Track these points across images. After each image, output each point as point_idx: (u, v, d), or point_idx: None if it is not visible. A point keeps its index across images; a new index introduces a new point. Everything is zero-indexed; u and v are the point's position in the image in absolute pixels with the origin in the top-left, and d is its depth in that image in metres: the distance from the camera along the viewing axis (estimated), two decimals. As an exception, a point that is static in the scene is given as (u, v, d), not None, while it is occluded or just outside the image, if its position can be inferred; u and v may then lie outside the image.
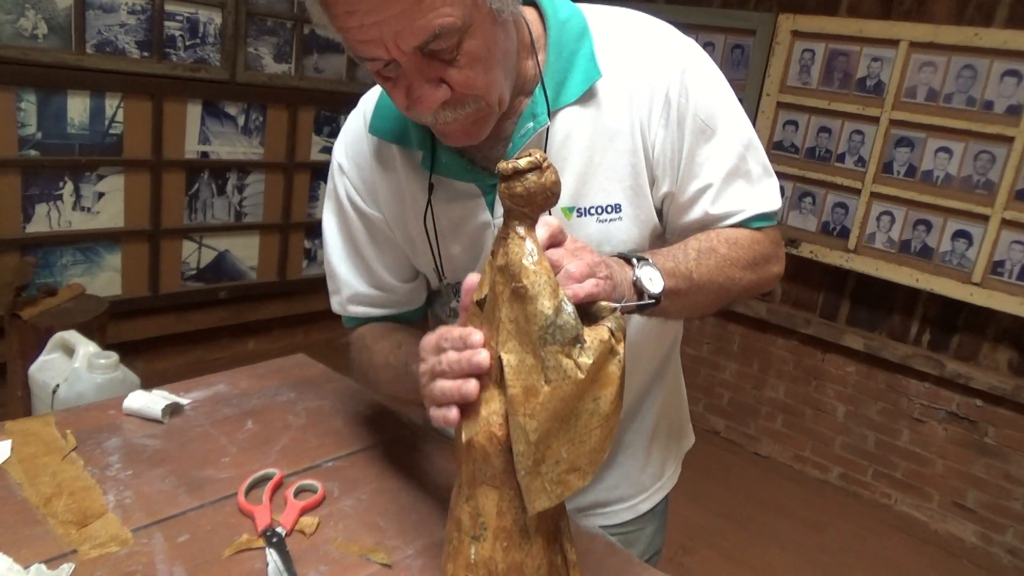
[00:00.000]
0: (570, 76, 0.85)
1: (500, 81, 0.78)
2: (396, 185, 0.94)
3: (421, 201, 0.92)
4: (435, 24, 0.69)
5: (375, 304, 1.02)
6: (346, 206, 0.98)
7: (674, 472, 1.17)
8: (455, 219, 0.92)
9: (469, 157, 0.89)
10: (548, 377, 0.61)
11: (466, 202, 0.90)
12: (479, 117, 0.79)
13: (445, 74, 0.74)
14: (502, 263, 0.63)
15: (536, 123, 0.84)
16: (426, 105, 0.75)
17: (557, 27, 0.86)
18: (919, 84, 2.62)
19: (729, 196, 0.89)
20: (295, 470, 0.97)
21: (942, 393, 2.81)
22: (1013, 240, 2.49)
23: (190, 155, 2.92)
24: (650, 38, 0.88)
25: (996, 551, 2.75)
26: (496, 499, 0.67)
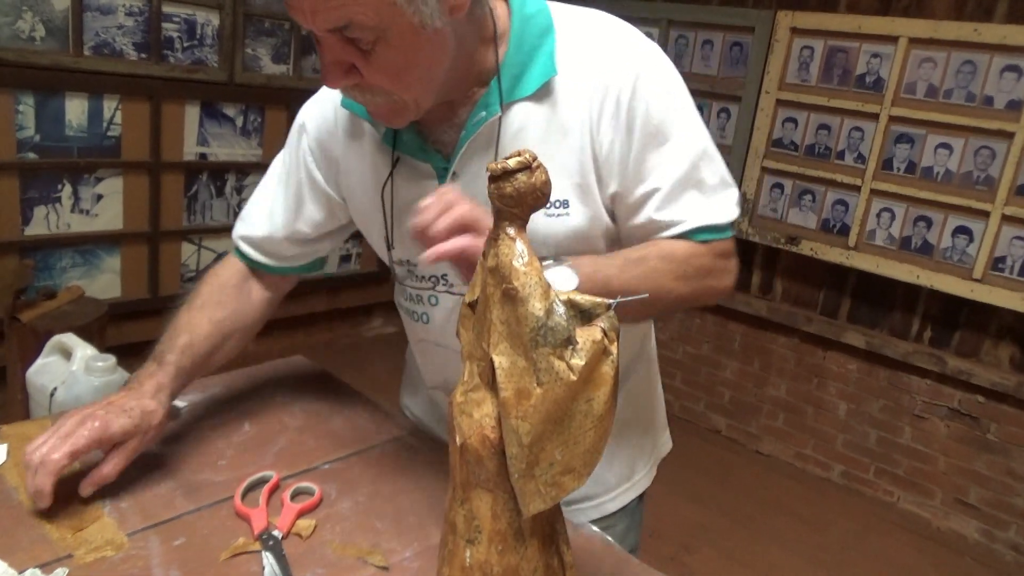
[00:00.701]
0: (528, 71, 0.87)
1: (416, 86, 0.81)
2: (360, 158, 0.98)
3: (383, 174, 0.96)
4: (346, 15, 0.73)
5: (264, 252, 1.08)
6: (298, 159, 1.04)
7: (646, 474, 1.16)
8: (412, 197, 0.93)
9: (425, 137, 0.92)
10: (540, 379, 0.60)
11: (421, 182, 0.93)
12: (394, 108, 0.83)
13: (358, 62, 0.77)
14: (493, 264, 0.63)
15: (488, 113, 0.87)
16: (331, 83, 0.79)
17: (521, 22, 0.87)
18: (919, 80, 2.61)
19: (676, 204, 0.88)
20: (292, 472, 0.96)
21: (944, 390, 2.80)
22: (1014, 236, 2.48)
23: (188, 157, 2.92)
24: (611, 41, 0.89)
25: (999, 548, 2.74)
26: (490, 502, 0.66)
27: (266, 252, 1.09)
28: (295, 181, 1.05)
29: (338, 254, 3.43)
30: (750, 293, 3.24)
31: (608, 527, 1.12)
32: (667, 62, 0.91)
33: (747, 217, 3.07)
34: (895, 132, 2.68)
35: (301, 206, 1.05)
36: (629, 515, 1.15)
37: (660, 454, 1.20)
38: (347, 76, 0.79)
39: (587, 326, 0.64)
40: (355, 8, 0.72)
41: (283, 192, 1.06)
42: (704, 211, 0.89)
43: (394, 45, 0.76)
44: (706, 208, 0.89)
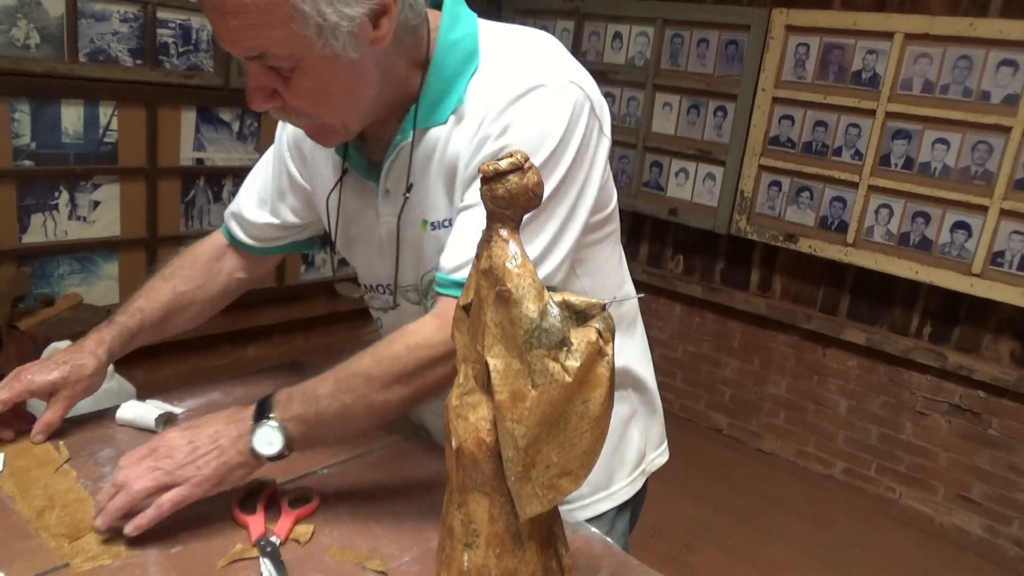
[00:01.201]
0: (445, 98, 0.89)
1: (339, 111, 0.84)
2: (324, 160, 1.02)
3: (334, 177, 1.00)
4: (259, 46, 0.76)
5: (248, 233, 1.13)
6: (280, 152, 1.09)
7: (628, 486, 1.11)
8: (358, 205, 1.00)
9: (366, 154, 0.96)
10: (535, 381, 0.60)
11: (366, 193, 0.98)
12: (321, 129, 0.87)
13: (279, 87, 0.81)
14: (486, 266, 0.63)
15: (402, 137, 0.90)
16: (254, 106, 0.83)
17: (444, 48, 0.89)
18: (915, 76, 2.61)
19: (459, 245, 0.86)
20: (290, 478, 0.96)
21: (945, 385, 2.80)
22: (1013, 230, 2.48)
23: (185, 162, 2.91)
24: (514, 65, 0.87)
25: (1003, 543, 2.73)
26: (487, 505, 0.66)
27: (250, 233, 1.13)
28: (277, 172, 1.10)
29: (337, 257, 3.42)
30: (749, 291, 3.24)
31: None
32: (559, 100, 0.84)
33: (745, 215, 3.07)
34: (892, 128, 2.68)
35: (283, 196, 1.10)
36: (607, 523, 1.10)
37: (651, 465, 1.16)
38: (270, 100, 0.82)
39: (582, 327, 0.64)
40: (267, 40, 0.76)
41: (271, 179, 1.11)
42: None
43: (310, 74, 0.80)
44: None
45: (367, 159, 0.97)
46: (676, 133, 3.25)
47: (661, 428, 1.20)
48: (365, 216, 0.99)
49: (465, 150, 0.88)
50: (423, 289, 0.99)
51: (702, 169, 3.19)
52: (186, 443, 0.84)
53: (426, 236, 0.94)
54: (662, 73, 3.25)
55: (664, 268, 3.49)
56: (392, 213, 0.95)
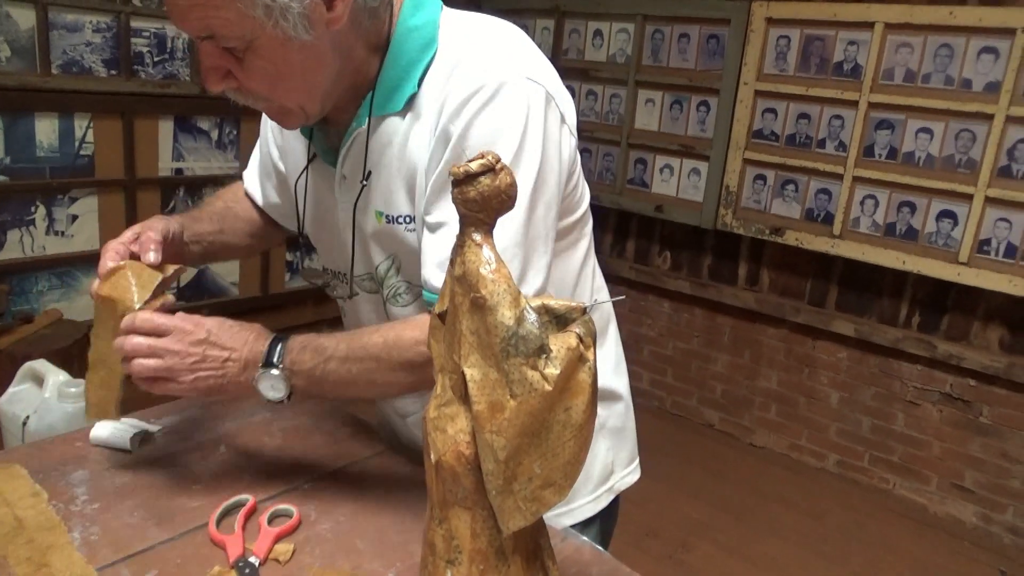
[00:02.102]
0: (401, 86, 0.87)
1: (295, 94, 0.83)
2: (296, 143, 1.02)
3: (303, 165, 1.00)
4: (208, 25, 0.75)
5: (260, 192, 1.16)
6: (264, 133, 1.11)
7: (591, 503, 1.07)
8: (321, 189, 0.99)
9: (326, 139, 0.95)
10: (513, 391, 0.58)
11: (328, 179, 0.97)
12: (280, 112, 0.86)
13: (233, 68, 0.79)
14: (460, 273, 0.60)
15: (358, 124, 0.89)
16: (210, 86, 0.81)
17: (403, 35, 0.87)
18: (896, 66, 2.60)
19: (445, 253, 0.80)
20: (270, 495, 0.93)
21: (935, 375, 2.80)
22: (998, 217, 2.48)
23: (164, 172, 2.87)
24: (476, 59, 0.84)
25: (997, 530, 2.73)
26: (469, 520, 0.64)
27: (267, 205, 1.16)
28: (264, 152, 1.12)
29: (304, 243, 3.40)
30: (737, 286, 3.23)
31: None
32: (521, 96, 0.82)
33: (731, 210, 3.06)
34: (875, 118, 2.67)
35: (269, 176, 1.12)
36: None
37: (618, 487, 1.11)
38: (224, 80, 0.81)
39: (561, 332, 0.61)
40: (215, 20, 0.74)
41: (258, 160, 1.14)
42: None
43: (262, 55, 0.78)
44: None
45: (326, 144, 0.96)
46: (660, 129, 3.23)
47: (633, 445, 1.14)
48: (327, 201, 0.98)
49: (424, 151, 0.86)
50: (379, 279, 0.97)
51: (687, 165, 3.18)
52: (200, 349, 0.84)
53: (380, 227, 0.92)
54: (644, 69, 3.24)
55: (651, 265, 3.47)
56: (348, 200, 0.94)
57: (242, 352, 0.85)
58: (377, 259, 0.95)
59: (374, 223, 0.92)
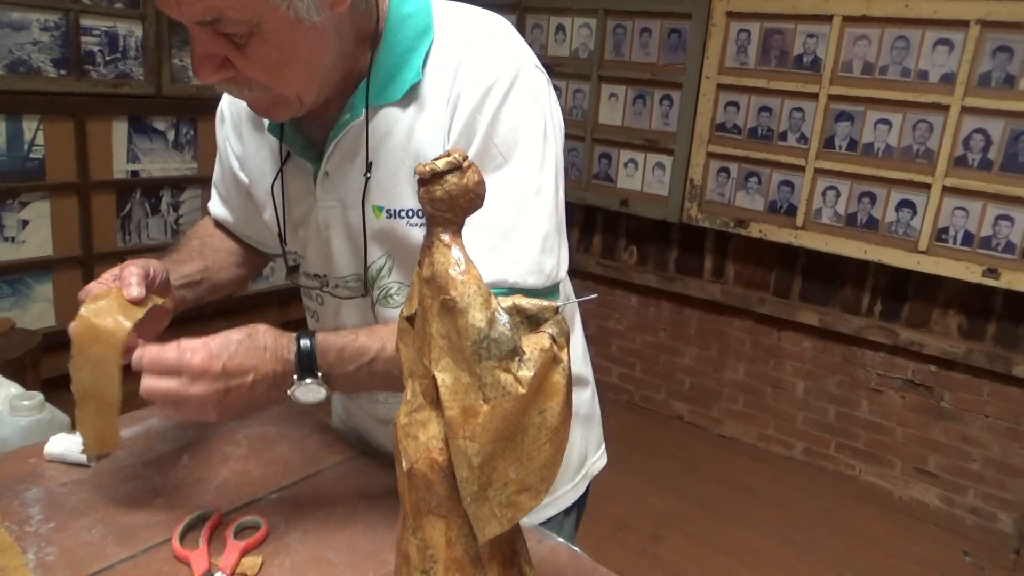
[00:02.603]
0: (399, 75, 0.84)
1: (297, 81, 0.78)
2: (260, 146, 0.97)
3: (276, 166, 0.95)
4: (215, 8, 0.69)
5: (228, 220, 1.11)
6: (221, 148, 1.05)
7: (572, 490, 1.10)
8: (299, 191, 0.94)
9: (305, 133, 0.90)
10: (486, 395, 0.56)
11: (304, 177, 0.93)
12: (274, 101, 0.80)
13: (232, 55, 0.73)
14: (428, 274, 0.58)
15: (352, 115, 0.85)
16: (202, 77, 0.74)
17: (397, 22, 0.84)
18: (854, 58, 2.64)
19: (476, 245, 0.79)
20: (235, 506, 0.90)
21: (897, 362, 2.85)
22: (955, 206, 2.53)
23: (119, 175, 2.80)
24: (480, 48, 0.83)
25: (959, 512, 2.79)
26: (443, 529, 0.62)
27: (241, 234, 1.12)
28: (227, 169, 1.06)
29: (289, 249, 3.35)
30: (703, 278, 3.25)
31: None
32: (534, 85, 0.84)
33: (696, 203, 3.08)
34: (835, 111, 2.70)
35: (239, 192, 1.07)
36: (554, 528, 1.09)
37: (592, 471, 1.16)
38: (220, 70, 0.74)
39: (534, 333, 0.60)
40: (226, 2, 0.68)
41: (224, 179, 1.08)
42: (507, 267, 0.81)
43: (269, 40, 0.72)
44: (510, 263, 0.81)
45: (305, 138, 0.91)
46: (623, 124, 3.24)
47: (600, 431, 1.18)
48: (306, 200, 0.94)
49: (436, 143, 0.83)
50: (370, 280, 0.93)
51: (651, 159, 3.19)
52: (220, 384, 0.77)
53: (377, 223, 0.88)
54: (606, 64, 3.24)
55: (618, 260, 3.48)
56: (332, 197, 0.90)
57: (265, 367, 0.80)
58: (371, 257, 0.91)
59: (371, 219, 0.88)
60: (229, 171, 1.05)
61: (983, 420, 2.70)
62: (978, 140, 2.44)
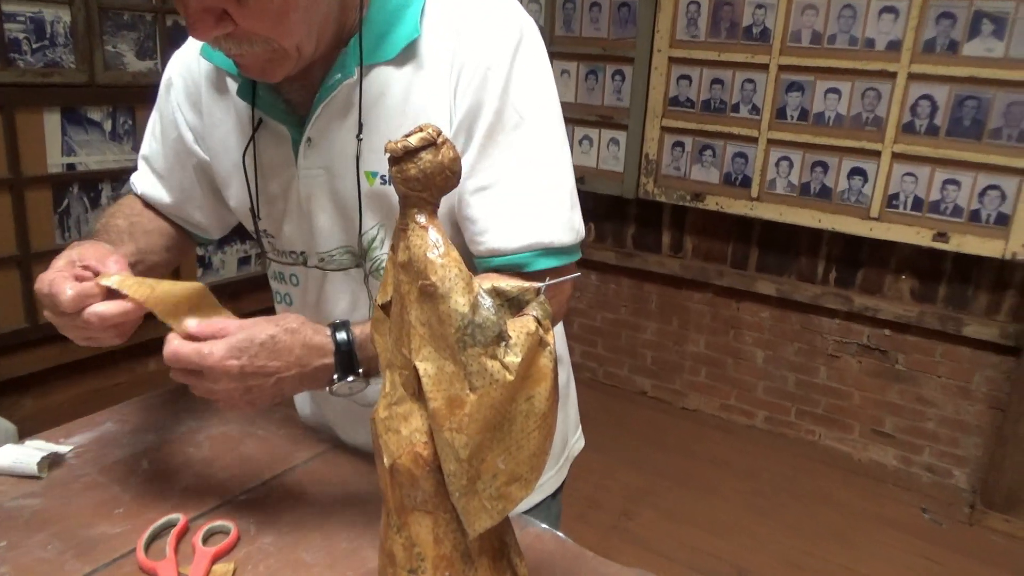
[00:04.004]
0: (392, 32, 0.80)
1: (297, 30, 0.73)
2: (226, 115, 0.91)
3: (245, 135, 0.88)
4: None
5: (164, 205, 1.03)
6: (167, 119, 0.98)
7: (555, 475, 1.11)
8: (274, 160, 0.88)
9: (285, 97, 0.85)
10: (473, 384, 0.53)
11: (281, 145, 0.87)
12: (273, 57, 0.75)
13: (231, 7, 0.69)
14: (404, 259, 0.55)
15: (344, 75, 0.80)
16: (200, 34, 0.70)
17: None
18: (803, 28, 2.65)
19: (507, 212, 0.80)
20: (202, 511, 0.86)
21: (853, 327, 2.90)
22: (904, 172, 2.57)
23: (54, 169, 2.66)
24: (486, 11, 0.81)
25: (916, 471, 2.87)
26: (431, 525, 0.59)
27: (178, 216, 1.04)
28: (172, 141, 0.98)
29: (236, 256, 3.24)
30: (662, 253, 3.26)
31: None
32: (539, 43, 0.84)
33: (652, 178, 3.07)
34: (785, 81, 2.72)
35: (182, 168, 0.99)
36: (542, 513, 1.09)
37: (572, 452, 1.16)
38: (219, 24, 0.69)
39: (517, 317, 0.57)
40: None
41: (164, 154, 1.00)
42: (538, 228, 0.80)
43: None
44: (541, 225, 0.81)
45: (285, 105, 0.85)
46: (576, 100, 3.21)
47: (576, 411, 1.17)
48: (283, 171, 0.88)
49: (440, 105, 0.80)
50: (363, 250, 0.88)
51: (605, 135, 3.17)
52: (241, 384, 0.72)
53: (371, 190, 0.83)
54: (557, 40, 3.20)
55: (576, 238, 3.46)
56: (316, 165, 0.85)
57: (290, 370, 0.75)
58: (366, 226, 0.86)
59: (366, 185, 0.83)
60: (175, 145, 0.98)
61: (936, 380, 2.78)
62: (925, 106, 2.48)
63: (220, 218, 1.05)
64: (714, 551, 2.41)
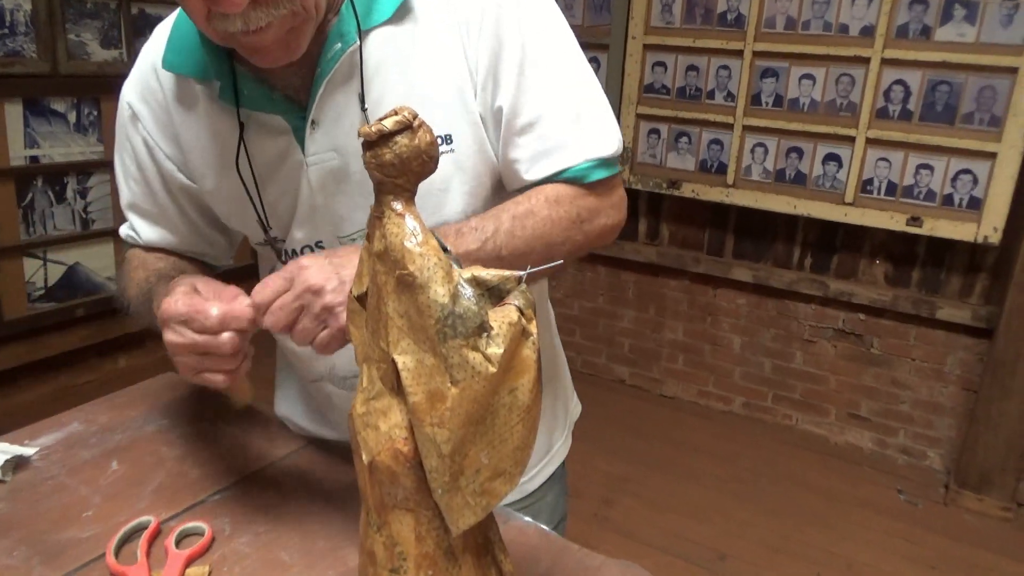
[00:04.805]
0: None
1: None
2: (202, 127, 0.84)
3: (230, 143, 0.82)
4: None
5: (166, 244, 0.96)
6: (141, 155, 0.89)
7: (563, 443, 1.12)
8: (270, 159, 0.83)
9: (271, 85, 0.79)
10: (454, 377, 0.51)
11: (277, 139, 0.81)
12: (295, 24, 0.70)
13: None
14: (380, 248, 0.53)
15: (344, 43, 0.76)
16: (233, 2, 0.64)
17: None
18: (777, 14, 2.65)
19: (560, 135, 0.81)
20: (174, 512, 0.83)
21: (828, 312, 2.92)
22: (878, 158, 2.58)
23: (17, 162, 2.59)
24: None
25: (891, 453, 2.91)
26: (412, 523, 0.57)
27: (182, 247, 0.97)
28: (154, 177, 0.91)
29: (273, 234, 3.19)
30: (638, 241, 3.25)
31: (537, 500, 1.07)
32: None
33: (627, 165, 3.07)
34: (760, 67, 2.72)
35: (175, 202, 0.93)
36: (557, 482, 1.11)
37: (573, 418, 1.17)
38: None
39: (499, 306, 0.55)
40: None
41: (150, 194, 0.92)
42: (590, 143, 0.82)
43: None
44: (591, 140, 0.82)
45: (278, 94, 0.79)
46: (551, 88, 3.18)
47: (569, 375, 1.18)
48: (287, 166, 0.82)
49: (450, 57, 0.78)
50: None
51: (581, 123, 3.15)
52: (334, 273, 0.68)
53: None
54: (531, 28, 3.16)
55: (553, 227, 3.45)
56: (327, 148, 0.80)
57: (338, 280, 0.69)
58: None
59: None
60: (158, 180, 0.90)
61: (910, 363, 2.81)
62: (898, 91, 2.50)
63: (229, 242, 1.01)
64: (695, 537, 2.42)
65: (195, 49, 0.80)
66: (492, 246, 0.74)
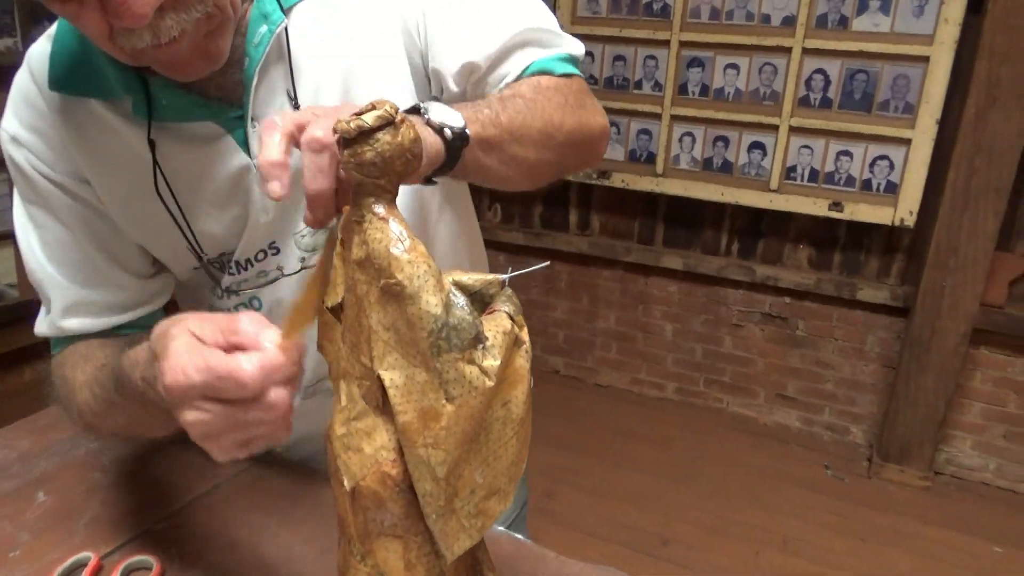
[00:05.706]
0: None
1: None
2: (104, 151, 0.74)
3: (145, 162, 0.72)
4: None
5: (99, 311, 0.79)
6: (39, 187, 0.75)
7: None
8: (197, 174, 0.74)
9: (198, 90, 0.71)
10: (449, 393, 0.47)
11: (207, 149, 0.73)
12: (211, 28, 0.63)
13: None
14: (360, 255, 0.48)
15: (271, 24, 0.69)
16: (138, 12, 0.56)
17: None
18: (702, 4, 2.68)
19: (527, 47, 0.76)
20: (115, 546, 0.76)
21: (755, 297, 3.00)
22: (801, 145, 2.65)
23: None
24: None
25: (817, 430, 3.01)
26: (401, 551, 0.53)
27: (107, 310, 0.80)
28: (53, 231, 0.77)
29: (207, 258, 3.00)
30: (570, 232, 3.26)
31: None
32: None
33: (558, 156, 3.05)
34: (686, 57, 2.75)
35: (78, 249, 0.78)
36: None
37: None
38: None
39: (489, 314, 0.51)
40: None
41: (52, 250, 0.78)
42: (551, 42, 0.77)
43: None
44: (552, 40, 0.77)
45: (194, 95, 0.71)
46: (478, 79, 3.14)
47: None
48: (219, 175, 0.74)
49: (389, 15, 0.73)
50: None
51: (509, 114, 3.12)
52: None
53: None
54: (456, 16, 3.11)
55: (483, 219, 3.41)
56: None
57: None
58: None
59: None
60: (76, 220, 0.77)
61: (833, 344, 2.91)
62: (818, 80, 2.57)
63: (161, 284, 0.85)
64: (637, 523, 2.44)
65: (82, 65, 0.70)
66: (489, 112, 0.65)
